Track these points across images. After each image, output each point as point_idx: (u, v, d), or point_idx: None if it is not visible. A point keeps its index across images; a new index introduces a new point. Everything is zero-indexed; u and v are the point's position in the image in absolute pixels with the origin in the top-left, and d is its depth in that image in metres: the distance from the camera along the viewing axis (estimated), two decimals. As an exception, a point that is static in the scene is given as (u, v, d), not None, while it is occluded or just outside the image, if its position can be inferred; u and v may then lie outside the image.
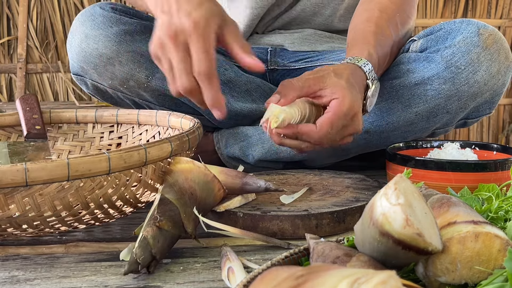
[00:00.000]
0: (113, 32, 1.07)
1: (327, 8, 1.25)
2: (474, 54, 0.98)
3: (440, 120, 1.04)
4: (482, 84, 1.00)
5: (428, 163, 0.87)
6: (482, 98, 1.03)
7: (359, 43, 0.97)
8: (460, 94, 1.00)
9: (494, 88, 1.02)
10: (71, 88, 2.52)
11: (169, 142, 0.74)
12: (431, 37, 1.04)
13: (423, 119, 1.03)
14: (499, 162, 0.86)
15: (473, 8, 2.76)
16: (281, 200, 0.83)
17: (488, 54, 0.99)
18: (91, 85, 1.14)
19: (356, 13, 1.08)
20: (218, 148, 1.17)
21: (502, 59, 1.00)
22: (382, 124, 1.05)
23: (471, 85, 0.99)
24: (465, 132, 2.73)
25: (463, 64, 0.98)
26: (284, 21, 1.27)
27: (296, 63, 1.26)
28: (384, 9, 1.03)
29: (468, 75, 0.98)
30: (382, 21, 1.01)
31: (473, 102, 1.02)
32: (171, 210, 0.69)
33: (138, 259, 0.62)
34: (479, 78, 0.99)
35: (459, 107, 1.02)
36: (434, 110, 1.02)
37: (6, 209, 0.66)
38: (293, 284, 0.38)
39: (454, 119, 1.05)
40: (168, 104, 1.14)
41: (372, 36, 0.98)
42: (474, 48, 0.98)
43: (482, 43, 0.98)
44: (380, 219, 0.46)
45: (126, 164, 0.69)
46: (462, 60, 0.98)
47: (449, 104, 1.01)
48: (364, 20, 1.02)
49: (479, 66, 0.98)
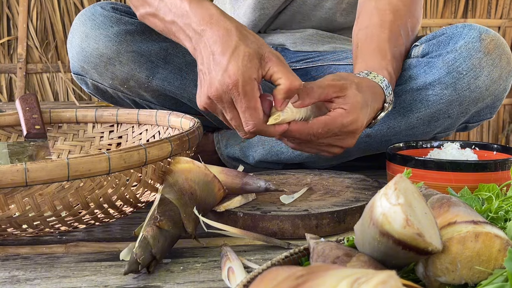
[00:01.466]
0: (114, 32, 1.07)
1: (328, 0, 1.24)
2: (476, 59, 0.98)
3: (441, 124, 1.04)
4: (484, 89, 0.99)
5: (428, 163, 0.87)
6: (483, 103, 1.03)
7: (376, 54, 0.95)
8: (462, 99, 0.99)
9: (495, 93, 1.02)
10: (71, 88, 2.52)
11: (169, 142, 0.74)
12: (433, 42, 1.04)
13: (424, 123, 1.03)
14: (499, 162, 0.86)
15: (473, 8, 2.76)
16: (281, 200, 0.83)
17: (490, 59, 0.98)
18: (92, 84, 1.14)
19: (365, 9, 1.05)
20: (218, 148, 1.17)
21: (503, 64, 1.00)
22: (384, 129, 1.05)
23: (473, 90, 0.99)
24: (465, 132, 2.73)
25: (464, 70, 0.98)
26: (286, 16, 1.26)
27: (298, 63, 1.26)
28: (396, 10, 1.02)
29: (469, 80, 0.98)
30: (396, 27, 1.00)
31: (474, 107, 1.02)
32: (171, 210, 0.69)
33: (138, 259, 0.62)
34: (481, 83, 0.99)
35: (460, 112, 1.01)
36: (435, 115, 1.02)
37: (6, 209, 0.66)
38: (293, 284, 0.38)
39: (455, 123, 1.05)
40: (169, 104, 1.14)
41: (388, 48, 0.96)
42: (476, 53, 0.98)
43: (484, 48, 0.98)
44: (380, 219, 0.46)
45: (126, 164, 0.69)
46: (464, 65, 0.98)
47: (451, 109, 1.01)
48: (377, 24, 1.00)
49: (481, 71, 0.98)
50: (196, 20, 0.81)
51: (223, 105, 0.78)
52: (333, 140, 0.84)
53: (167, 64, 1.10)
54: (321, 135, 0.82)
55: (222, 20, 0.80)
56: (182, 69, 1.10)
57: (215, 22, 0.80)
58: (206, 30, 0.80)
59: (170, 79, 1.10)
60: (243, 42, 0.77)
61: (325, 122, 0.81)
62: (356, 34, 1.02)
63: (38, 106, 1.05)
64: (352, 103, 0.82)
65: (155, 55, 1.09)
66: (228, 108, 0.78)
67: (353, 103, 0.82)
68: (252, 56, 0.76)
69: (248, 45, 0.77)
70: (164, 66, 1.10)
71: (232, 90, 0.75)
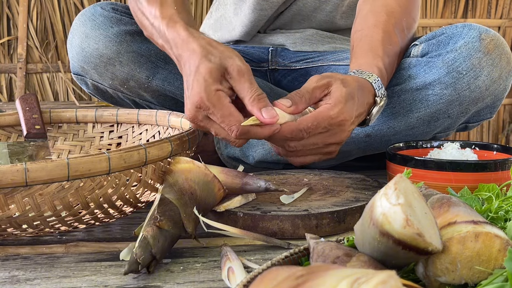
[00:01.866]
0: (114, 32, 1.07)
1: (328, 3, 1.24)
2: (475, 59, 0.98)
3: (441, 124, 1.04)
4: (484, 89, 0.99)
5: (428, 163, 0.87)
6: (483, 103, 1.03)
7: (368, 53, 0.95)
8: (462, 99, 0.99)
9: (495, 93, 1.02)
10: (71, 88, 2.52)
11: (169, 142, 0.74)
12: (432, 42, 1.03)
13: (424, 123, 1.03)
14: (499, 162, 0.86)
15: (473, 8, 2.76)
16: (281, 200, 0.83)
17: (490, 59, 0.98)
18: (92, 85, 1.14)
19: (361, 12, 1.06)
20: (218, 148, 1.17)
21: (503, 64, 1.00)
22: (383, 129, 1.05)
23: (473, 90, 0.99)
24: (465, 132, 2.73)
25: (464, 69, 0.98)
26: (286, 18, 1.26)
27: (297, 63, 1.26)
28: (391, 12, 1.02)
29: (469, 80, 0.98)
30: (390, 26, 1.00)
31: (474, 107, 1.02)
32: (171, 210, 0.69)
33: (138, 259, 0.62)
34: (481, 83, 0.98)
35: (460, 112, 1.01)
36: (435, 114, 1.02)
37: (6, 209, 0.66)
38: (293, 284, 0.38)
39: (455, 123, 1.05)
40: (169, 104, 1.14)
41: (380, 46, 0.96)
42: (476, 53, 0.98)
43: (483, 48, 0.98)
44: (380, 219, 0.46)
45: (126, 164, 0.69)
46: (464, 65, 0.98)
47: (451, 109, 1.01)
48: (371, 25, 1.00)
49: (481, 71, 0.98)
50: (173, 45, 0.87)
51: (202, 122, 0.80)
52: (325, 137, 0.83)
53: (167, 64, 1.10)
54: (311, 129, 0.80)
55: (190, 42, 0.84)
56: (182, 69, 1.11)
57: (185, 45, 0.84)
58: (181, 54, 0.84)
59: (170, 79, 1.10)
60: (206, 59, 0.80)
61: (313, 117, 0.81)
62: (352, 37, 1.03)
63: (38, 106, 1.06)
64: (336, 97, 0.82)
65: (155, 55, 1.09)
66: (208, 124, 0.80)
67: (337, 96, 0.82)
68: (213, 70, 0.79)
69: (210, 61, 0.80)
70: (164, 66, 1.10)
71: (201, 106, 0.78)
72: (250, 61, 1.27)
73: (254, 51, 1.28)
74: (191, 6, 2.41)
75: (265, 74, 1.28)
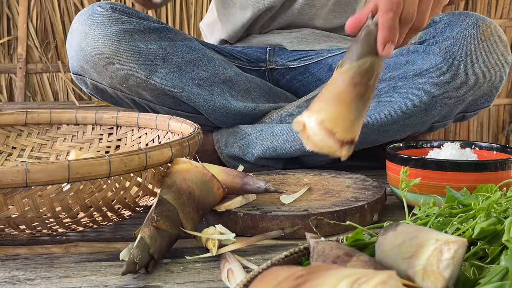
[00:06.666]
0: (113, 31, 1.07)
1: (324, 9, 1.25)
2: (472, 45, 0.99)
3: (438, 112, 1.04)
4: (480, 76, 1.00)
5: (428, 163, 0.87)
6: (480, 91, 1.03)
7: None
8: (458, 86, 1.00)
9: (492, 80, 1.03)
10: (71, 88, 2.52)
11: (170, 147, 0.74)
12: (430, 29, 1.05)
13: (421, 111, 1.04)
14: (499, 162, 0.86)
15: (473, 8, 2.76)
16: (281, 200, 0.83)
17: (486, 46, 0.99)
18: (91, 84, 1.14)
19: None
20: (218, 148, 1.17)
21: (500, 51, 1.01)
22: (380, 117, 1.05)
23: (469, 76, 1.00)
24: (465, 132, 2.73)
25: (461, 56, 0.99)
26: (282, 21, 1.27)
27: (295, 61, 1.27)
28: None
29: (466, 67, 0.99)
30: None
31: (471, 94, 1.03)
32: (168, 210, 0.69)
33: (136, 259, 0.62)
34: (477, 69, 1.00)
35: (457, 99, 1.02)
36: (432, 102, 1.02)
37: (5, 209, 0.66)
38: (293, 284, 0.38)
39: (453, 112, 1.06)
40: (168, 103, 1.14)
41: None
42: (472, 39, 0.99)
43: (480, 35, 0.99)
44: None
45: (126, 167, 0.69)
46: (460, 51, 0.99)
47: (447, 96, 1.02)
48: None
49: (477, 57, 0.99)
50: None
51: None
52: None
53: (166, 63, 1.10)
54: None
55: None
56: (181, 67, 1.11)
57: None
58: None
59: (169, 78, 1.10)
60: None
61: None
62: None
63: None
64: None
65: (154, 54, 1.09)
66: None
67: None
68: None
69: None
70: (163, 65, 1.10)
71: None
72: (248, 61, 1.28)
73: (252, 51, 1.29)
74: (191, 6, 2.41)
75: (263, 74, 1.29)
